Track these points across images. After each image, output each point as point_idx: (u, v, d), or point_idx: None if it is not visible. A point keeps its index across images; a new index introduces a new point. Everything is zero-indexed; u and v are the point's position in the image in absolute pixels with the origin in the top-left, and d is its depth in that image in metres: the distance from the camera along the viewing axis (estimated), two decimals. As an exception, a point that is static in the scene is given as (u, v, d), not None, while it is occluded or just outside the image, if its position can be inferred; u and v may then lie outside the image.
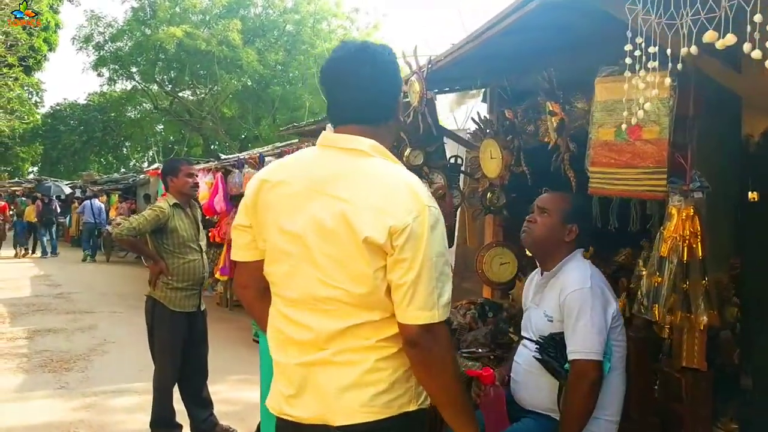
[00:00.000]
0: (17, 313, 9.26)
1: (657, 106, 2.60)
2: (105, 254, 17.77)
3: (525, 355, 2.57)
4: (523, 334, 2.67)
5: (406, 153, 4.61)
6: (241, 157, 9.95)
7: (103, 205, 19.25)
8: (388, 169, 1.74)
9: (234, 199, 10.00)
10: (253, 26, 25.48)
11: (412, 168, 4.44)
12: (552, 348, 2.42)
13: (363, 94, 1.79)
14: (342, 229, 1.67)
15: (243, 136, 27.72)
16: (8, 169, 45.74)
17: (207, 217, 11.29)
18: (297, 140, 10.68)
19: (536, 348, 2.47)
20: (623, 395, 2.50)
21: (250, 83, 25.78)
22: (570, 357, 2.35)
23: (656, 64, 2.16)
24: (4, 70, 18.48)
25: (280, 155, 8.44)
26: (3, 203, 21.14)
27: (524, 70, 4.05)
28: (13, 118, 19.98)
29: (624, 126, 2.71)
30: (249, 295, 1.99)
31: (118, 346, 7.41)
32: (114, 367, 6.50)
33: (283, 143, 10.42)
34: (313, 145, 1.91)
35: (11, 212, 23.02)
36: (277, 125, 24.27)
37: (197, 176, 4.71)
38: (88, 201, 18.94)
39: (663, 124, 2.68)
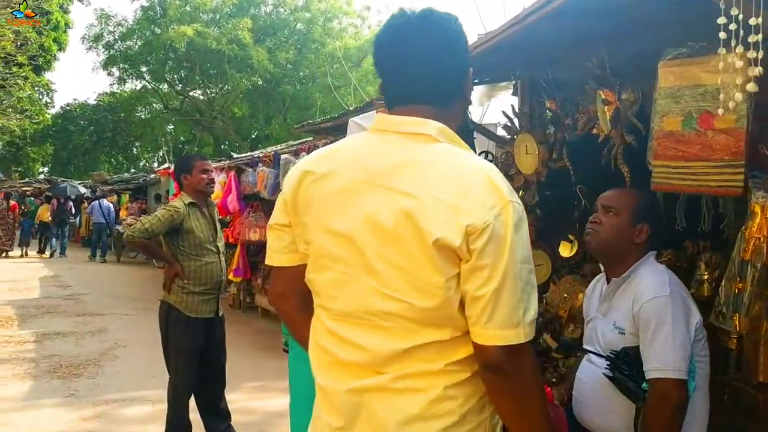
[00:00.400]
0: (26, 316, 9.02)
1: (731, 92, 2.31)
2: (115, 254, 17.56)
3: (591, 372, 2.26)
4: (587, 347, 2.36)
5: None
6: (255, 155, 9.67)
7: (111, 205, 19.11)
8: (460, 157, 1.44)
9: (247, 199, 9.74)
10: (263, 25, 25.28)
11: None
12: (626, 364, 2.12)
13: (428, 68, 1.49)
14: (405, 230, 1.37)
15: (254, 136, 27.52)
16: (19, 169, 45.80)
17: (220, 217, 11.04)
18: (311, 138, 10.41)
19: (607, 365, 2.17)
20: (707, 420, 2.19)
21: (260, 82, 25.59)
22: (648, 375, 2.05)
23: (759, 38, 1.87)
24: (14, 69, 18.27)
25: (296, 153, 8.17)
26: (13, 203, 21.04)
27: (562, 58, 3.75)
28: (23, 118, 19.74)
29: (695, 114, 2.43)
30: (288, 306, 1.70)
31: (129, 351, 7.15)
32: (125, 374, 6.24)
33: (297, 141, 10.13)
34: (332, 142, 1.60)
35: (22, 210, 22.91)
36: (287, 124, 24.04)
37: (212, 172, 4.41)
38: (97, 201, 18.87)
39: (740, 111, 2.37)
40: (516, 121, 4.23)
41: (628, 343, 2.17)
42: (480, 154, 4.58)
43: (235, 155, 11.80)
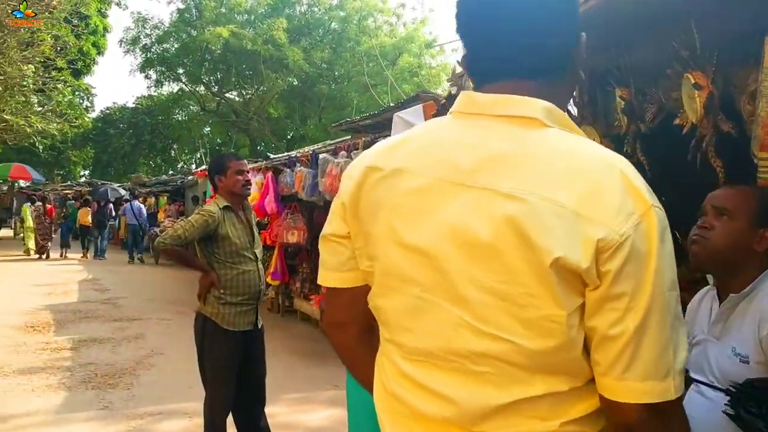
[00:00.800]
0: (64, 321, 8.88)
1: None
2: (153, 257, 17.51)
3: (704, 408, 1.87)
4: (695, 376, 1.97)
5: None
6: (292, 155, 9.39)
7: (142, 206, 19.31)
8: (581, 147, 1.06)
9: (285, 200, 9.47)
10: (298, 25, 25.10)
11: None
12: (754, 401, 1.73)
13: (532, 32, 1.11)
14: (509, 245, 1.00)
15: (289, 137, 27.38)
16: (61, 172, 46.66)
17: (258, 219, 10.81)
18: (349, 137, 10.11)
19: (727, 400, 1.78)
20: None
21: (296, 83, 25.44)
22: (788, 417, 1.66)
23: None
24: (53, 74, 18.38)
25: (334, 152, 7.85)
26: (50, 206, 21.17)
27: (637, 41, 3.35)
28: (62, 122, 19.85)
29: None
30: (345, 338, 1.35)
31: (166, 359, 6.92)
32: (162, 384, 5.99)
33: (335, 140, 9.83)
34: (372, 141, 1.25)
35: (63, 213, 23.16)
36: (323, 124, 23.82)
37: (248, 173, 4.10)
38: (129, 203, 19.07)
39: None
40: (575, 112, 3.86)
41: (753, 374, 1.77)
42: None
43: (272, 155, 11.56)
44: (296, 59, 23.05)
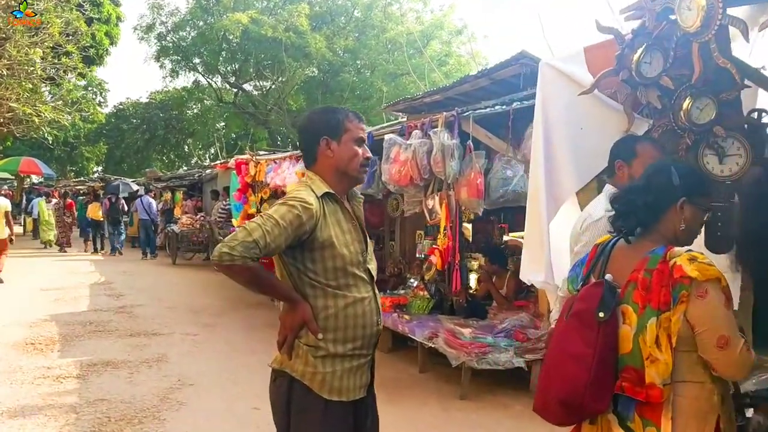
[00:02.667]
0: (71, 336, 7.33)
1: None
2: (170, 255, 15.97)
3: None
4: None
5: (685, 104, 2.75)
6: None
7: (153, 201, 18.23)
8: None
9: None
10: (320, 11, 23.50)
11: (694, 127, 2.68)
12: None
13: None
14: None
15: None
16: (74, 168, 45.53)
17: None
18: (404, 119, 8.55)
19: None
20: None
21: (317, 72, 23.87)
22: None
23: None
24: (64, 60, 16.85)
25: (401, 132, 6.28)
26: (70, 201, 20.33)
27: None
28: (73, 110, 18.38)
29: None
30: None
31: (197, 393, 5.36)
32: (196, 433, 4.43)
33: (390, 123, 8.24)
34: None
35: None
36: (346, 116, 22.23)
37: (366, 140, 2.49)
38: (139, 198, 18.05)
39: None
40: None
41: None
42: (750, 113, 2.79)
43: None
44: (319, 47, 21.47)
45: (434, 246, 5.57)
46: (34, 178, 44.79)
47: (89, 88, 42.47)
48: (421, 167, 5.64)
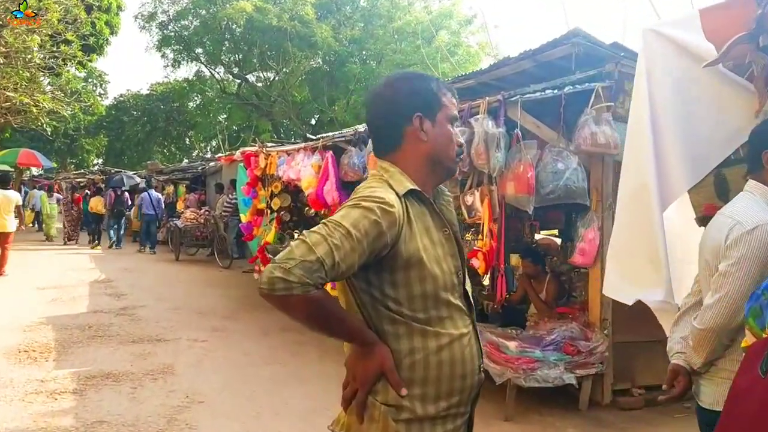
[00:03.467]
0: (68, 343, 6.71)
1: None
2: (173, 251, 15.32)
3: None
4: None
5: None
6: (362, 129, 7.17)
7: (161, 196, 17.71)
8: None
9: (348, 187, 7.25)
10: (326, 0, 22.76)
11: None
12: None
13: None
14: None
15: (313, 121, 25.14)
16: (74, 161, 44.93)
17: (315, 212, 8.62)
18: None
19: None
20: None
21: (322, 63, 23.19)
22: None
23: None
24: (63, 48, 16.16)
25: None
26: (78, 195, 20.02)
27: None
28: (72, 101, 17.70)
29: None
30: None
31: (208, 412, 4.73)
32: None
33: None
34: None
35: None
36: (352, 108, 21.60)
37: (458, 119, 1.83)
38: (147, 192, 17.28)
39: None
40: None
41: None
42: None
43: (333, 133, 9.36)
44: (324, 37, 20.80)
45: (476, 248, 4.93)
46: (34, 171, 44.25)
47: (89, 80, 42.03)
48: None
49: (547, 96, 4.74)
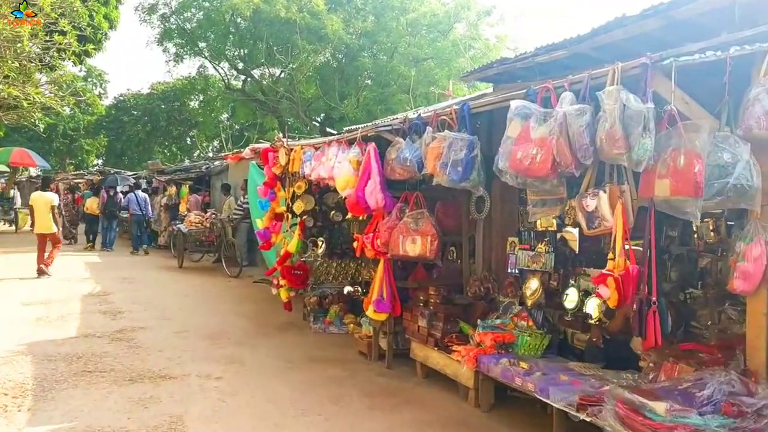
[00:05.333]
0: (50, 382, 5.28)
1: None
2: (176, 257, 13.87)
3: None
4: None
5: None
6: (423, 112, 5.73)
7: (147, 196, 16.87)
8: None
9: (395, 187, 5.88)
10: (336, -9, 21.34)
11: None
12: None
13: None
14: None
15: (319, 119, 23.68)
16: (73, 161, 43.73)
17: (355, 218, 7.18)
18: (491, 89, 6.60)
19: None
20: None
21: (330, 59, 21.76)
22: None
23: None
24: (57, 38, 14.72)
25: (530, 98, 4.22)
26: (78, 195, 19.51)
27: None
28: (67, 95, 16.27)
29: None
30: None
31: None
32: None
33: (475, 94, 6.21)
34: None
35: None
36: (364, 104, 20.16)
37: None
38: (133, 193, 16.62)
39: None
40: None
41: None
42: None
43: (375, 123, 7.96)
44: (335, 29, 19.35)
45: (606, 271, 3.52)
46: (32, 171, 42.87)
47: (89, 79, 40.75)
48: (578, 148, 3.59)
49: (710, 59, 3.33)
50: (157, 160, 25.54)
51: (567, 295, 4.96)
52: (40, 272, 10.99)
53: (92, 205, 16.56)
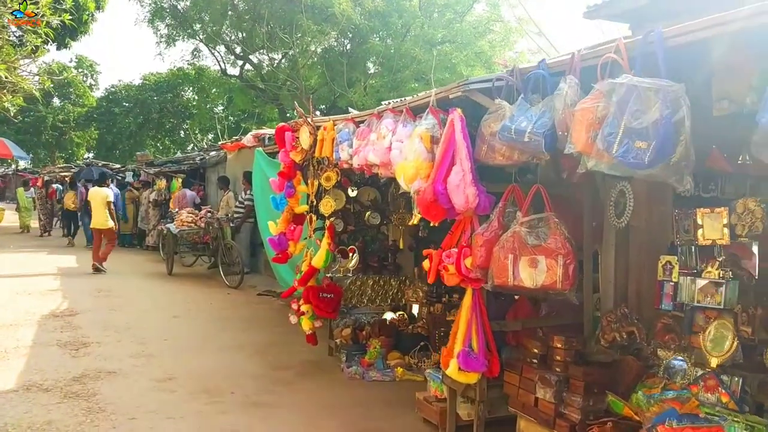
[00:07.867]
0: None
1: None
2: (165, 262, 11.65)
3: None
4: None
5: None
6: (524, 66, 3.56)
7: (119, 191, 14.90)
8: None
9: (490, 176, 3.74)
10: (343, -32, 19.08)
11: None
12: None
13: None
14: None
15: (322, 107, 21.44)
16: (63, 155, 41.70)
17: (427, 223, 4.99)
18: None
19: None
20: None
21: (336, 43, 19.57)
22: None
23: None
24: (26, 6, 12.43)
25: None
26: (52, 188, 18.79)
27: None
28: (42, 75, 14.08)
29: None
30: None
31: None
32: None
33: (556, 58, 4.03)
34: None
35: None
36: (373, 91, 17.98)
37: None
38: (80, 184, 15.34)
39: None
40: None
41: None
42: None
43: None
44: (344, 8, 17.14)
45: None
46: (21, 164, 40.62)
47: (80, 69, 38.56)
48: None
49: None
50: (146, 152, 23.33)
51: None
52: (95, 269, 10.77)
53: (68, 200, 14.81)
